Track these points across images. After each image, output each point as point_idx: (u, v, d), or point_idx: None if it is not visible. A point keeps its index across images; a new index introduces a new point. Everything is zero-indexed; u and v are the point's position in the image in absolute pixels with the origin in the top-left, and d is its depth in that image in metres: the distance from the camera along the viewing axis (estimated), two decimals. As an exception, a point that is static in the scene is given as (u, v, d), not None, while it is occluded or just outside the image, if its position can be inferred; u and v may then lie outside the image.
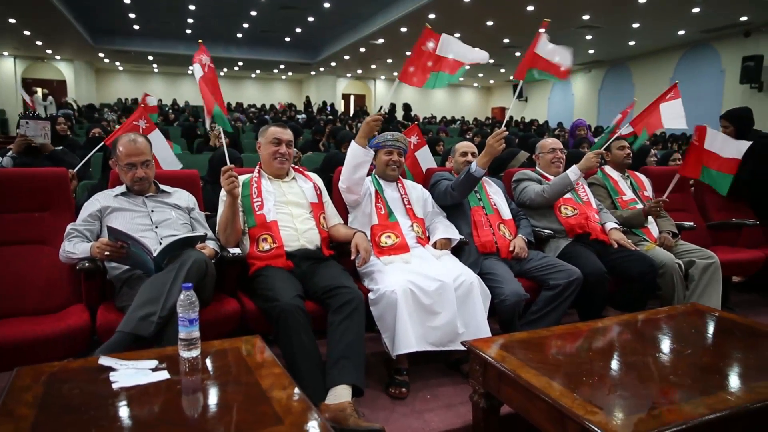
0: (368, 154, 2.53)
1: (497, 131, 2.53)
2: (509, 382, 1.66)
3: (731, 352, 1.86)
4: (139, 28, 16.50)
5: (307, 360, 1.97)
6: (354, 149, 2.52)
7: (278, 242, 2.32)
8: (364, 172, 2.56)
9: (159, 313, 1.77)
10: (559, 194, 2.95)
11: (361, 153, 2.51)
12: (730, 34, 13.16)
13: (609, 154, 3.44)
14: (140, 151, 2.25)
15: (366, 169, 2.57)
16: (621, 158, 3.40)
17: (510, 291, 2.45)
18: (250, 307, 2.19)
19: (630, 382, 1.60)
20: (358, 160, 2.52)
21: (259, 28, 16.27)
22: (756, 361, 1.76)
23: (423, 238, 2.71)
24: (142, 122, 3.77)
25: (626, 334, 2.01)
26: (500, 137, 2.51)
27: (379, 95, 23.61)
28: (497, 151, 2.54)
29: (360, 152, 2.51)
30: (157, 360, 1.43)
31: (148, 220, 2.25)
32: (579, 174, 2.87)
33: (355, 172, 2.54)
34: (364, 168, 2.55)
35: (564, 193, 2.97)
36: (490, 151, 2.53)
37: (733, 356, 1.82)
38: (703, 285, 3.00)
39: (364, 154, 2.52)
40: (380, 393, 2.33)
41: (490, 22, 12.83)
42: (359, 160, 2.52)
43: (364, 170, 2.56)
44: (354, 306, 2.10)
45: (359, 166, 2.53)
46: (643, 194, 3.37)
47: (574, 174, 2.87)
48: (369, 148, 2.54)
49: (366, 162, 2.54)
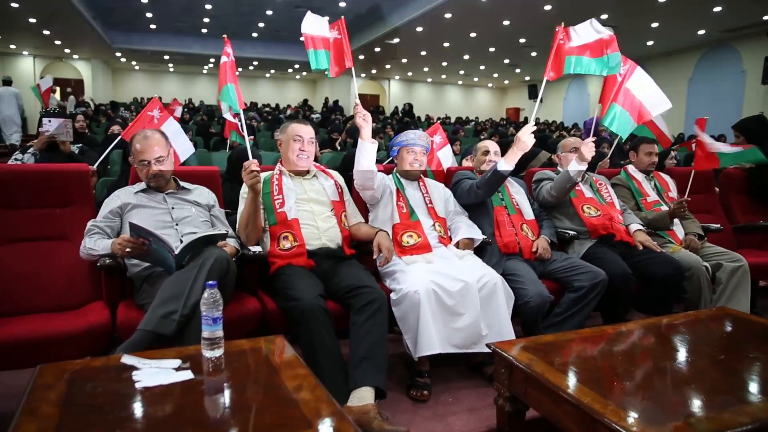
0: (372, 146, 2.46)
1: (527, 125, 2.47)
2: (537, 385, 1.62)
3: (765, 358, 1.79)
4: (156, 28, 16.61)
5: (329, 361, 1.94)
6: (359, 146, 2.47)
7: (299, 240, 2.29)
8: (371, 166, 2.49)
9: (181, 311, 1.74)
10: (563, 190, 2.85)
11: (364, 147, 2.45)
12: (751, 34, 12.91)
13: (635, 155, 3.36)
14: (151, 148, 2.23)
15: (372, 161, 2.50)
16: (646, 164, 3.32)
17: (534, 292, 2.40)
18: (271, 306, 2.16)
19: (662, 387, 1.55)
20: (364, 154, 2.45)
21: (274, 27, 16.30)
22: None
23: (445, 238, 2.66)
24: (156, 112, 3.77)
25: (654, 338, 1.96)
26: (531, 131, 2.46)
27: (393, 95, 23.55)
28: (527, 146, 2.48)
29: (363, 146, 2.45)
30: (180, 359, 1.41)
31: (169, 217, 2.23)
32: (577, 167, 2.73)
33: (362, 168, 2.48)
34: (370, 162, 2.48)
35: (568, 189, 2.85)
36: (520, 146, 2.48)
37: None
38: (731, 289, 2.92)
39: (368, 148, 2.45)
40: (401, 395, 2.29)
41: (507, 22, 12.73)
42: (364, 154, 2.45)
43: (371, 164, 2.49)
44: (377, 306, 2.07)
45: (366, 160, 2.47)
46: (667, 195, 3.30)
47: (572, 167, 2.77)
48: (374, 142, 2.48)
49: (372, 156, 2.47)
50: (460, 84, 24.93)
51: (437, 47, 16.26)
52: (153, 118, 3.67)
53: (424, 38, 14.93)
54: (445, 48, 16.26)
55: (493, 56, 17.49)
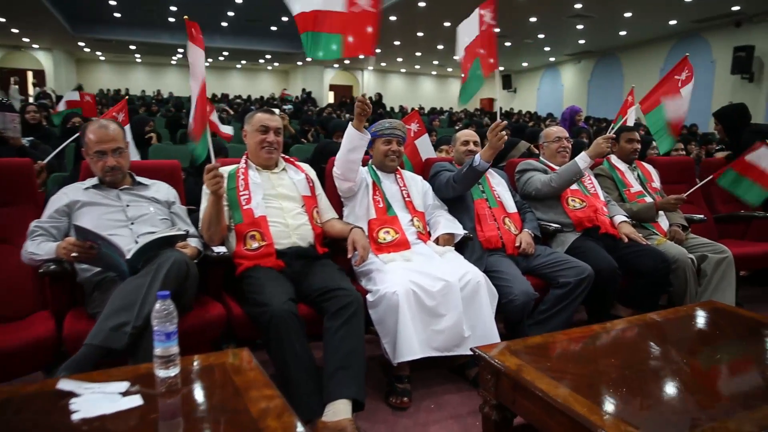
0: (363, 138, 2.33)
1: (494, 124, 2.34)
2: (527, 394, 1.49)
3: (763, 357, 1.71)
4: (121, 17, 16.05)
5: (301, 372, 1.78)
6: (349, 133, 2.32)
7: (268, 239, 2.12)
8: (359, 156, 2.37)
9: (133, 322, 1.56)
10: (568, 183, 2.78)
11: (356, 137, 2.31)
12: (721, 25, 13.04)
13: (616, 144, 3.27)
14: (111, 137, 2.03)
15: (361, 154, 2.37)
16: (628, 152, 3.23)
17: (519, 290, 2.28)
18: (237, 311, 1.99)
19: (661, 394, 1.45)
20: (354, 144, 2.32)
21: (244, 16, 15.91)
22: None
23: (424, 234, 2.52)
24: (120, 115, 3.60)
25: (647, 338, 1.85)
26: (498, 130, 2.33)
27: (367, 86, 23.31)
28: (499, 146, 2.36)
29: (355, 136, 2.31)
30: (129, 381, 1.23)
31: (123, 216, 2.04)
32: (588, 161, 2.69)
33: (349, 155, 2.35)
34: (359, 152, 2.36)
35: (573, 182, 2.79)
36: (493, 144, 2.35)
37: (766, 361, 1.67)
38: (716, 281, 2.85)
39: (359, 138, 2.32)
40: (380, 403, 2.14)
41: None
42: (354, 144, 2.32)
43: (359, 154, 2.37)
44: (352, 310, 1.91)
45: (354, 150, 2.34)
46: (650, 186, 3.21)
47: (584, 161, 2.69)
48: (366, 131, 2.34)
49: (361, 146, 2.35)
50: (434, 74, 24.81)
51: (411, 37, 16.08)
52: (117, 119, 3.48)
53: (397, 28, 14.72)
54: (419, 38, 16.10)
55: (467, 46, 17.38)
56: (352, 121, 2.33)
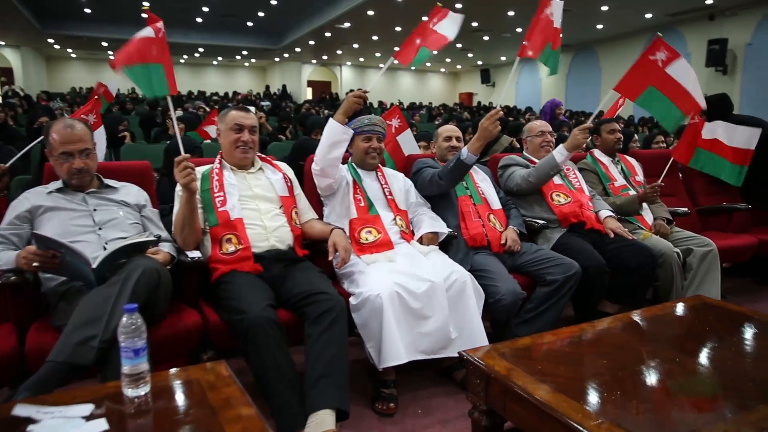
0: (346, 132, 2.26)
1: (491, 112, 2.28)
2: (518, 399, 1.43)
3: (755, 354, 1.68)
4: (91, 12, 15.62)
5: (281, 382, 1.70)
6: (332, 126, 2.24)
7: (244, 243, 2.03)
8: (340, 152, 2.29)
9: (101, 336, 1.46)
10: (545, 177, 2.73)
11: (339, 131, 2.23)
12: (695, 18, 13.20)
13: (598, 138, 3.24)
14: (78, 138, 1.91)
15: (343, 149, 2.29)
16: (611, 143, 3.19)
17: (506, 290, 2.22)
18: (214, 319, 1.90)
19: (656, 396, 1.40)
20: (335, 138, 2.24)
21: (219, 11, 15.62)
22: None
23: (407, 233, 2.45)
24: (91, 117, 3.46)
25: (638, 337, 1.81)
26: (495, 118, 2.26)
27: (345, 81, 23.16)
28: (492, 135, 2.29)
29: (338, 130, 2.23)
30: (93, 403, 1.13)
31: (90, 221, 1.92)
32: (566, 154, 2.63)
33: (330, 152, 2.26)
34: (340, 148, 2.27)
35: (551, 176, 2.74)
36: (484, 134, 2.28)
37: (759, 358, 1.64)
38: (701, 274, 2.83)
39: (342, 132, 2.24)
40: (365, 409, 2.07)
41: (459, 5, 12.56)
42: (336, 138, 2.24)
43: (340, 150, 2.28)
44: (334, 315, 1.83)
45: (336, 145, 2.25)
46: (634, 179, 3.19)
47: (561, 155, 2.64)
48: (348, 130, 2.25)
49: (344, 141, 2.26)
50: (412, 69, 24.74)
51: (389, 31, 15.97)
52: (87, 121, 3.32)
53: (375, 22, 14.63)
54: (398, 32, 15.99)
55: (446, 41, 17.35)
56: (333, 115, 2.24)
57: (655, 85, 2.77)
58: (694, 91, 2.77)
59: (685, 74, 2.78)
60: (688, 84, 2.78)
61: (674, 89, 2.77)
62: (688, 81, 2.78)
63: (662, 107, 2.79)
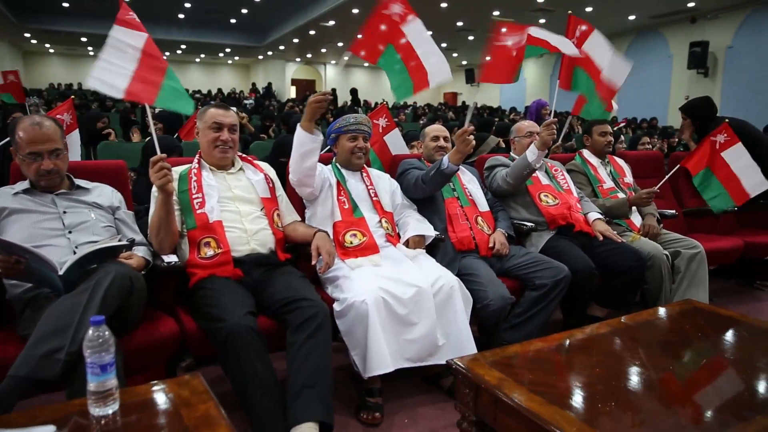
0: (315, 140, 2.14)
1: (461, 130, 2.22)
2: (509, 411, 1.38)
3: (749, 360, 1.64)
4: (69, 6, 15.27)
5: (262, 393, 1.62)
6: (299, 135, 2.13)
7: (224, 246, 1.94)
8: (313, 160, 2.20)
9: (68, 347, 1.36)
10: (521, 178, 2.66)
11: (307, 139, 2.13)
12: (677, 20, 13.34)
13: (589, 138, 3.20)
14: (47, 137, 1.80)
15: (316, 158, 2.20)
16: (602, 145, 3.15)
17: (495, 295, 2.16)
18: (191, 326, 1.81)
19: (652, 407, 1.35)
20: (306, 147, 2.14)
21: (202, 8, 15.40)
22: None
23: (393, 236, 2.38)
24: (67, 117, 3.30)
25: (630, 343, 1.77)
26: (465, 137, 2.21)
27: (330, 80, 23.02)
28: (468, 149, 2.24)
29: (306, 138, 2.12)
30: (56, 424, 1.05)
31: (59, 224, 1.82)
32: (537, 153, 2.55)
33: (303, 161, 2.17)
34: (313, 156, 2.18)
35: (526, 176, 2.66)
36: (460, 148, 2.24)
37: (753, 365, 1.61)
38: (689, 277, 2.80)
39: (311, 141, 2.13)
40: (350, 419, 2.00)
41: (444, 4, 12.55)
42: (306, 147, 2.14)
43: (313, 159, 2.19)
44: (318, 322, 1.76)
45: (307, 154, 2.15)
46: (623, 181, 3.15)
47: (533, 153, 2.56)
48: (317, 132, 2.15)
49: (315, 149, 2.16)
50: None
51: (374, 31, 15.88)
52: (63, 122, 3.18)
53: (360, 20, 14.44)
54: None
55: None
56: (299, 122, 2.14)
57: (583, 69, 2.78)
58: (609, 73, 2.81)
59: (603, 52, 2.85)
60: (603, 63, 2.83)
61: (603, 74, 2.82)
62: (603, 59, 2.83)
63: (589, 91, 2.86)
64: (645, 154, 3.85)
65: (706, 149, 3.05)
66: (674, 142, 6.79)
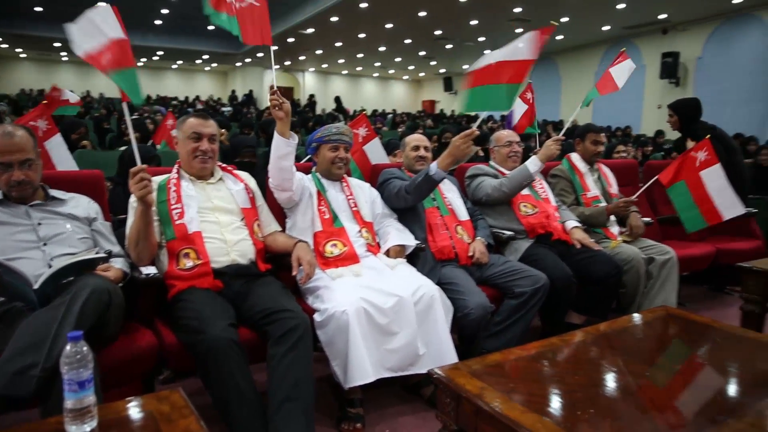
0: (290, 144, 2.15)
1: (467, 131, 2.18)
2: (490, 420, 1.38)
3: (722, 367, 1.68)
4: (43, 11, 14.97)
5: (243, 406, 1.60)
6: (275, 140, 2.14)
7: (203, 258, 1.92)
8: (290, 163, 2.20)
9: (42, 363, 1.33)
10: (519, 188, 2.71)
11: (282, 144, 2.14)
12: (649, 32, 13.65)
13: (581, 143, 3.23)
14: (18, 147, 1.76)
15: (292, 161, 2.20)
16: (592, 153, 3.17)
17: (475, 303, 2.18)
18: (170, 339, 1.79)
19: (630, 413, 1.37)
20: (281, 152, 2.15)
21: (179, 14, 15.26)
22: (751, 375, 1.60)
23: (374, 246, 2.38)
24: (42, 123, 3.17)
25: (607, 350, 1.79)
26: (469, 138, 2.17)
27: (308, 87, 22.97)
28: (464, 155, 2.20)
29: (281, 143, 2.13)
30: (31, 443, 1.03)
31: (33, 236, 1.78)
32: (539, 165, 2.63)
33: (280, 164, 2.18)
34: (289, 159, 2.19)
35: (524, 186, 2.73)
36: (456, 153, 2.19)
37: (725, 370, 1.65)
38: (661, 281, 2.87)
39: (285, 145, 2.14)
40: (331, 430, 1.99)
41: (423, 13, 12.65)
42: (281, 152, 2.15)
43: (289, 161, 2.19)
44: (299, 334, 1.75)
45: (283, 158, 2.17)
46: (609, 191, 3.20)
47: (534, 165, 2.63)
48: (293, 136, 2.16)
49: (290, 153, 2.17)
50: (376, 76, 24.79)
51: (353, 38, 15.94)
52: (38, 129, 3.09)
53: (339, 28, 14.56)
54: (361, 39, 15.98)
55: (409, 48, 17.44)
56: (276, 126, 2.14)
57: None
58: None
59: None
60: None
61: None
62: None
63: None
64: (620, 162, 3.93)
65: (683, 163, 3.12)
66: (648, 150, 6.94)
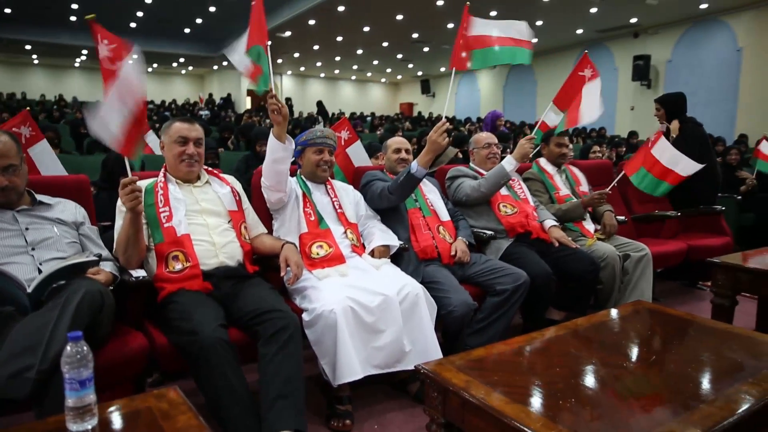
0: (287, 149, 2.19)
1: (438, 124, 2.29)
2: (477, 412, 1.44)
3: (693, 356, 1.77)
4: (12, 12, 14.65)
5: (236, 405, 1.63)
6: (271, 144, 2.18)
7: (192, 260, 1.95)
8: (286, 166, 2.24)
9: (38, 366, 1.35)
10: (496, 187, 2.79)
11: (278, 148, 2.17)
12: (621, 35, 13.99)
13: (546, 147, 3.34)
14: (1, 153, 1.76)
15: (288, 163, 2.25)
16: (556, 155, 3.30)
17: (458, 301, 2.24)
18: (161, 341, 1.81)
19: (608, 402, 1.45)
20: (277, 155, 2.19)
21: (155, 17, 15.11)
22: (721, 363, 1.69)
23: (358, 246, 2.43)
24: (25, 129, 3.11)
25: (586, 343, 1.87)
26: (442, 130, 2.27)
27: (286, 90, 22.90)
28: (441, 147, 2.30)
29: (278, 148, 2.17)
30: (33, 442, 1.05)
31: (22, 241, 1.79)
32: (514, 164, 2.71)
33: (275, 166, 2.22)
34: (285, 162, 2.23)
35: (501, 185, 2.81)
36: (433, 147, 2.29)
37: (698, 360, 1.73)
38: (636, 277, 2.98)
39: (282, 150, 2.18)
40: (320, 427, 2.04)
41: (400, 17, 12.75)
42: (277, 155, 2.19)
43: (285, 165, 2.24)
44: (289, 334, 1.79)
45: (279, 161, 2.20)
46: (578, 189, 3.31)
47: (510, 164, 2.71)
48: (289, 141, 2.21)
49: (286, 157, 2.21)
50: (353, 79, 24.81)
51: (330, 41, 15.98)
52: (22, 135, 3.05)
53: (316, 32, 14.58)
54: (338, 42, 16.03)
55: (387, 51, 17.55)
56: (272, 129, 2.19)
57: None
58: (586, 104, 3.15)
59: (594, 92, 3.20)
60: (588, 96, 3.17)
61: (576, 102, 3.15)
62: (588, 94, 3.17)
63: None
64: (595, 163, 4.05)
65: (640, 152, 3.26)
66: (622, 151, 7.12)
